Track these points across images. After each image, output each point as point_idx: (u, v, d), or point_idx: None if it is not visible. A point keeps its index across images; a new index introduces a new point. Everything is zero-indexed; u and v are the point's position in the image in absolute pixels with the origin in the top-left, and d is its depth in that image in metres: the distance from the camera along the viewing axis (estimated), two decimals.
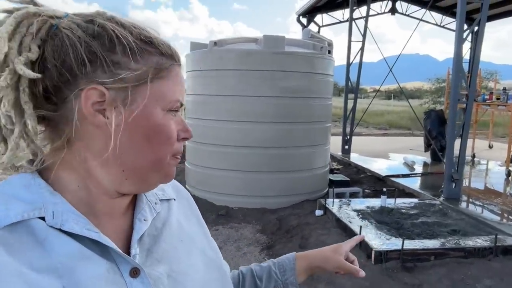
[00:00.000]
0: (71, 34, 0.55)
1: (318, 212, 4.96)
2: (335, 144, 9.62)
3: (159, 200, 0.71)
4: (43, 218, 0.54)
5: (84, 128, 0.56)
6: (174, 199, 0.75)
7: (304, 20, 12.65)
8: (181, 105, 0.64)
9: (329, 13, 12.48)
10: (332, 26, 13.30)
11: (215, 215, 5.27)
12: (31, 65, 0.54)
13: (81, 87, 0.55)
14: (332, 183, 6.28)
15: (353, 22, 9.26)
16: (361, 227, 3.85)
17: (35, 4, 0.57)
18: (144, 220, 0.65)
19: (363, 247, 3.73)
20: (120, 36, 0.56)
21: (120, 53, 0.56)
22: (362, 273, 0.90)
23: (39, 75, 0.54)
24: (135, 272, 0.57)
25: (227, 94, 5.57)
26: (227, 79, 5.55)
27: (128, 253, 0.59)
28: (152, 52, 0.59)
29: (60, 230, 0.54)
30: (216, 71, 5.62)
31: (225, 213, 5.33)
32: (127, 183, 0.60)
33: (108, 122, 0.56)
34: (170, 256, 0.64)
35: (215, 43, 5.61)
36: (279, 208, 5.44)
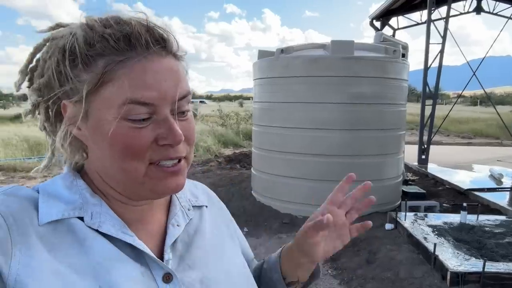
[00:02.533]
0: (56, 53, 0.57)
1: (388, 226, 4.66)
2: (411, 153, 9.06)
3: (192, 206, 0.71)
4: (82, 218, 0.56)
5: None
6: (206, 206, 0.75)
7: (378, 24, 12.16)
8: (149, 104, 0.53)
9: (405, 15, 11.85)
10: (410, 29, 12.61)
11: (279, 223, 5.21)
12: (48, 88, 0.59)
13: (62, 103, 0.58)
14: (406, 195, 5.87)
15: (431, 23, 8.66)
16: (435, 244, 3.52)
17: (63, 26, 0.60)
18: (177, 225, 0.65)
19: (437, 267, 3.41)
20: (70, 48, 0.54)
21: (70, 66, 0.55)
22: (327, 217, 0.66)
23: (39, 99, 0.59)
24: (168, 278, 0.58)
25: (294, 101, 5.50)
26: (294, 86, 5.49)
27: (161, 258, 0.60)
28: (98, 56, 0.53)
29: (97, 231, 0.56)
30: (282, 79, 5.59)
31: (289, 221, 5.25)
32: (128, 192, 0.59)
33: (82, 134, 0.58)
34: (201, 263, 0.64)
35: (282, 50, 5.60)
36: None
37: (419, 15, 11.65)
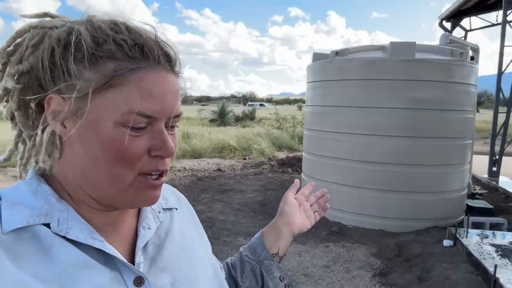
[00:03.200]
0: (46, 44, 0.54)
1: (447, 243, 4.28)
2: (480, 164, 8.34)
3: (163, 209, 0.70)
4: (48, 225, 0.54)
5: (62, 141, 0.56)
6: (176, 209, 0.74)
7: (448, 25, 11.39)
8: (150, 117, 0.54)
9: (479, 16, 10.97)
10: (487, 30, 11.68)
11: (327, 231, 5.03)
12: (28, 76, 0.56)
13: (48, 96, 0.55)
14: (471, 210, 5.39)
15: (507, 24, 7.92)
16: (496, 266, 3.16)
17: (51, 17, 0.58)
18: (148, 228, 0.64)
19: None
20: (76, 44, 0.53)
21: (74, 61, 0.53)
22: (296, 181, 0.99)
23: (17, 86, 0.55)
24: (139, 281, 0.57)
25: (348, 106, 5.29)
26: (348, 90, 5.28)
27: (132, 262, 0.59)
28: (109, 58, 0.53)
29: (64, 238, 0.54)
30: (336, 82, 5.41)
31: (338, 230, 5.04)
32: (104, 200, 0.58)
33: (66, 132, 0.55)
34: (173, 265, 0.63)
35: (337, 52, 5.42)
36: (401, 233, 4.89)
37: (495, 15, 10.72)
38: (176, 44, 0.59)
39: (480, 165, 8.43)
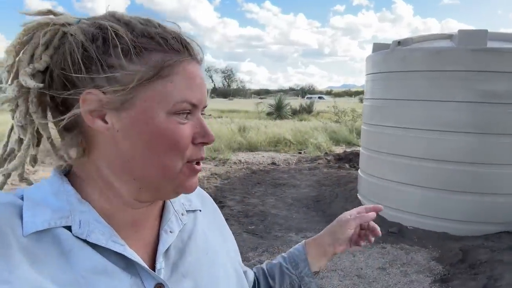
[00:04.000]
0: (72, 40, 0.54)
1: None
2: None
3: (186, 211, 0.69)
4: (69, 227, 0.53)
5: (93, 135, 0.56)
6: (200, 210, 0.73)
7: None
8: (194, 106, 0.57)
9: None
10: None
11: (385, 231, 4.78)
12: (42, 75, 0.55)
13: (80, 93, 0.54)
14: None
15: None
16: None
17: (54, 14, 0.58)
18: (170, 232, 0.63)
19: None
20: (115, 37, 0.53)
21: (115, 54, 0.53)
22: (378, 208, 0.94)
23: (40, 85, 0.54)
24: None
25: (411, 99, 4.96)
26: (412, 82, 4.95)
27: (153, 267, 0.59)
28: (154, 50, 0.54)
29: (85, 241, 0.53)
30: (398, 73, 5.09)
31: (396, 231, 4.78)
32: (143, 192, 0.58)
33: (108, 127, 0.54)
34: (195, 270, 0.62)
35: (399, 42, 5.10)
36: (466, 237, 4.52)
37: None
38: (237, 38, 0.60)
39: None
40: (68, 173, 0.59)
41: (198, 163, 0.60)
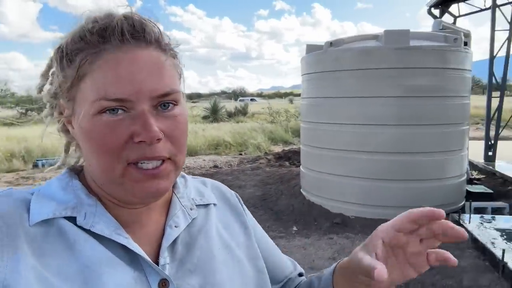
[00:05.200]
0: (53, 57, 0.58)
1: None
2: (476, 150, 8.39)
3: (196, 205, 0.66)
4: (74, 220, 0.54)
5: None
6: (215, 204, 0.70)
7: (436, 12, 11.38)
8: (121, 100, 0.50)
9: (466, 2, 10.99)
10: (473, 17, 11.72)
11: (329, 223, 5.01)
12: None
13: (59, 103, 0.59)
14: (470, 196, 5.41)
15: (497, 8, 7.93)
16: (504, 250, 3.16)
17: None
18: (176, 226, 0.61)
19: (506, 275, 3.06)
20: (58, 48, 0.55)
21: (60, 64, 0.54)
22: (379, 271, 0.49)
23: (54, 101, 0.59)
24: (164, 284, 0.54)
25: (344, 96, 5.25)
26: (344, 80, 5.25)
27: (158, 263, 0.57)
28: (79, 51, 0.53)
29: (89, 233, 0.53)
30: (332, 73, 5.36)
31: (340, 221, 5.03)
32: (112, 195, 0.57)
33: (74, 132, 0.57)
34: (205, 266, 0.60)
35: (331, 43, 5.37)
36: None
37: (483, 1, 10.74)
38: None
39: (474, 150, 8.48)
40: (79, 171, 0.62)
41: (163, 162, 0.53)
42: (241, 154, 10.90)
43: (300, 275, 0.81)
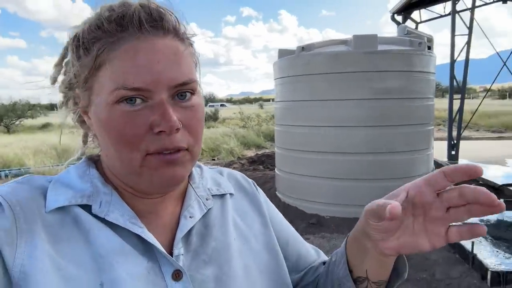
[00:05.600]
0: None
1: None
2: (440, 149, 8.75)
3: (212, 195, 0.66)
4: (89, 208, 0.54)
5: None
6: (231, 194, 0.69)
7: (399, 18, 11.86)
8: (140, 90, 0.50)
9: (427, 8, 11.52)
10: (431, 24, 12.28)
11: (305, 223, 5.09)
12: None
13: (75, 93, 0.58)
14: None
15: (456, 14, 8.36)
16: (473, 242, 3.34)
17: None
18: (190, 217, 0.60)
19: (476, 266, 3.23)
20: (77, 35, 0.55)
21: (80, 53, 0.54)
22: (391, 208, 0.43)
23: (69, 92, 0.59)
24: (177, 275, 0.54)
25: (316, 99, 5.38)
26: (316, 84, 5.38)
27: (172, 253, 0.56)
28: (96, 40, 0.52)
29: (104, 222, 0.53)
30: (304, 76, 5.49)
31: (316, 221, 5.13)
32: (129, 184, 0.57)
33: (91, 123, 0.57)
34: (220, 257, 0.59)
35: (303, 48, 5.49)
36: None
37: (442, 8, 11.29)
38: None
39: (438, 150, 8.86)
40: (97, 160, 0.62)
41: (179, 151, 0.52)
42: (214, 159, 10.87)
43: (324, 263, 0.74)
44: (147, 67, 0.50)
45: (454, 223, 0.48)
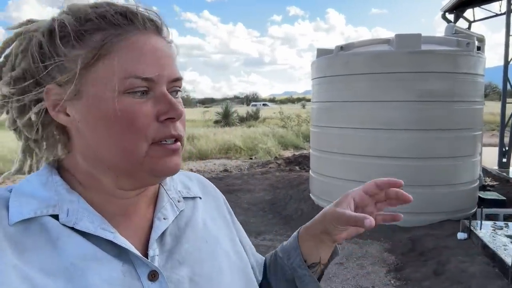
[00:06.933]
0: (33, 41, 0.55)
1: (461, 235, 4.22)
2: (490, 156, 8.25)
3: (183, 198, 0.67)
4: (57, 217, 0.53)
5: (67, 131, 0.57)
6: (200, 198, 0.71)
7: (451, 17, 11.27)
8: (149, 80, 0.52)
9: (482, 7, 10.85)
10: (490, 23, 11.57)
11: None
12: (23, 81, 0.56)
13: (46, 88, 0.54)
14: (483, 202, 5.31)
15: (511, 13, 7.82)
16: None
17: (32, 22, 0.58)
18: (164, 219, 0.61)
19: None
20: (57, 27, 0.53)
21: (62, 44, 0.52)
22: (369, 222, 0.60)
23: (12, 90, 0.55)
24: (153, 276, 0.54)
25: (355, 100, 5.23)
26: (355, 84, 5.23)
27: (147, 254, 0.56)
28: (94, 31, 0.52)
29: (73, 229, 0.52)
30: (342, 77, 5.35)
31: None
32: (121, 180, 0.56)
33: (71, 119, 0.54)
34: (193, 257, 0.60)
35: (342, 47, 5.36)
36: (413, 227, 4.82)
37: (498, 6, 10.60)
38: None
39: (489, 156, 8.34)
40: (58, 166, 0.59)
41: (176, 141, 0.55)
42: (251, 159, 10.91)
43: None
44: (153, 60, 0.53)
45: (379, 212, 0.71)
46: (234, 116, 21.08)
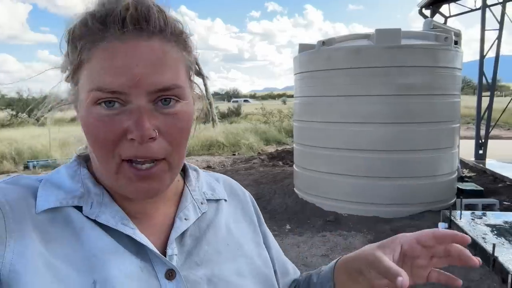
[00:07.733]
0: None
1: (442, 225, 4.32)
2: (467, 148, 8.48)
3: (206, 200, 0.66)
4: (81, 209, 0.54)
5: None
6: (225, 200, 0.69)
7: (427, 12, 11.50)
8: (116, 92, 0.48)
9: (457, 2, 11.11)
10: (464, 19, 11.85)
11: (323, 220, 5.03)
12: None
13: None
14: (461, 193, 5.47)
15: (487, 8, 8.03)
16: (494, 245, 3.20)
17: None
18: (185, 219, 0.60)
19: (497, 269, 3.10)
20: (67, 32, 0.53)
21: (68, 48, 0.53)
22: (401, 281, 0.49)
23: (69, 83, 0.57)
24: (170, 274, 0.54)
25: (337, 95, 5.29)
26: (337, 79, 5.28)
27: (165, 253, 0.56)
28: (81, 36, 0.51)
29: (95, 222, 0.53)
30: (324, 72, 5.39)
31: (333, 219, 5.05)
32: (115, 189, 0.56)
33: (77, 117, 0.56)
34: (212, 260, 0.60)
35: (323, 42, 5.40)
36: (395, 218, 4.93)
37: (473, 1, 10.87)
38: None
39: (465, 149, 8.57)
40: (88, 160, 0.61)
41: (156, 161, 0.51)
42: (234, 155, 10.90)
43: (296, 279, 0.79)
44: (124, 70, 0.48)
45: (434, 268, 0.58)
46: (215, 113, 20.98)
